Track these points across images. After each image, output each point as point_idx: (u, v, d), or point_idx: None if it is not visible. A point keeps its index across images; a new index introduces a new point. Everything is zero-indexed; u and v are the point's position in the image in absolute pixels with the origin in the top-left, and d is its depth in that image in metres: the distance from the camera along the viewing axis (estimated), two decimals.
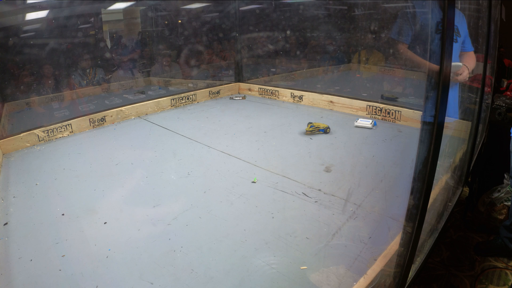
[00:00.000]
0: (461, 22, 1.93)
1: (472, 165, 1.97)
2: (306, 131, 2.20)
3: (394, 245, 1.06)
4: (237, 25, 3.58)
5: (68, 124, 2.35)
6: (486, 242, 2.14)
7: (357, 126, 2.29)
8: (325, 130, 2.20)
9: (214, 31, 4.12)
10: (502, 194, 2.38)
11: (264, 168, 1.74)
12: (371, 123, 2.30)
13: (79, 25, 3.22)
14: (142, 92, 3.39)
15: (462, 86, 2.02)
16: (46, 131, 2.23)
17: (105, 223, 1.30)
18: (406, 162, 1.72)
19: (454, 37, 1.92)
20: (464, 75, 1.83)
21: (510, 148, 1.95)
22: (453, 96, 2.00)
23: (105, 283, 1.01)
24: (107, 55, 3.63)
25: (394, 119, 2.40)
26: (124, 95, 3.31)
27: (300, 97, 3.04)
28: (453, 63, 1.83)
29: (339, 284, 0.98)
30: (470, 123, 1.91)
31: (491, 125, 2.45)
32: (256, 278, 1.01)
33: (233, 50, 3.79)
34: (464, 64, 1.85)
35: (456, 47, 1.95)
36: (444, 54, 0.66)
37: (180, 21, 4.07)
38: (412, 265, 0.92)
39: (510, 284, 1.84)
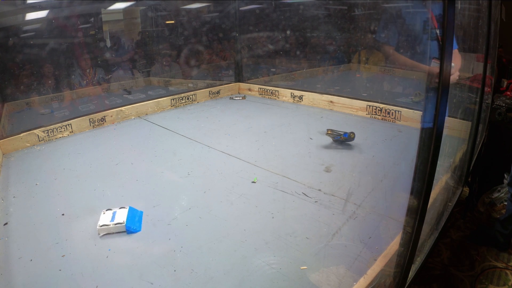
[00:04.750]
0: None
1: (472, 165, 1.97)
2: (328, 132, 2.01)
3: (394, 245, 1.06)
4: (237, 25, 3.58)
5: (68, 124, 2.35)
6: (480, 232, 2.17)
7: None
8: (349, 135, 1.97)
9: (214, 31, 4.11)
10: (502, 194, 2.38)
11: (264, 168, 1.74)
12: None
13: (79, 25, 3.22)
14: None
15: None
16: (46, 131, 2.23)
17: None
18: (406, 162, 1.72)
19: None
20: (454, 76, 1.83)
21: None
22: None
23: (105, 283, 1.01)
24: (107, 55, 3.62)
25: (394, 119, 2.40)
26: (124, 95, 3.31)
27: (300, 97, 3.04)
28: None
29: (339, 284, 0.98)
30: (470, 123, 1.91)
31: (491, 125, 2.45)
32: (256, 278, 1.01)
33: (233, 50, 3.80)
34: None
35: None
36: (444, 55, 0.66)
37: (180, 21, 4.07)
38: (412, 265, 0.92)
39: (510, 284, 1.85)
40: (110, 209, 1.36)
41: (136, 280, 1.01)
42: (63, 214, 1.37)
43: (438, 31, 0.63)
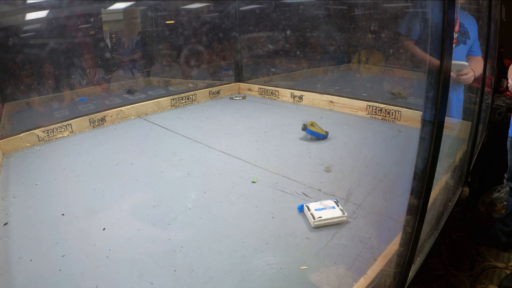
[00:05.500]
0: (471, 26, 1.92)
1: (472, 165, 1.97)
2: (306, 125, 2.09)
3: (394, 245, 1.06)
4: (237, 25, 3.58)
5: (68, 124, 2.35)
6: (481, 232, 2.18)
7: (318, 226, 1.24)
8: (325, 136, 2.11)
9: (214, 31, 4.12)
10: (502, 194, 2.38)
11: (264, 168, 1.74)
12: (341, 210, 1.28)
13: (79, 25, 3.22)
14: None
15: (463, 86, 2.02)
16: (46, 131, 2.23)
17: (104, 229, 1.30)
18: (406, 162, 1.72)
19: (463, 39, 1.91)
20: (469, 76, 1.83)
21: (508, 146, 1.97)
22: (458, 98, 1.99)
23: (105, 283, 1.01)
24: (107, 55, 3.63)
25: (394, 119, 2.40)
26: (124, 95, 3.31)
27: (300, 97, 3.05)
28: (458, 62, 1.83)
29: (339, 284, 0.98)
30: (470, 123, 1.91)
31: (491, 125, 2.46)
32: (256, 278, 1.01)
33: (233, 50, 3.80)
34: (470, 67, 1.84)
35: (464, 49, 1.94)
36: (444, 52, 0.66)
37: (180, 21, 4.07)
38: (412, 265, 0.92)
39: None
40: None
41: (136, 280, 1.01)
42: (63, 214, 1.37)
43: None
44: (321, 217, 1.24)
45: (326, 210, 1.28)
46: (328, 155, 1.88)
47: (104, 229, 1.27)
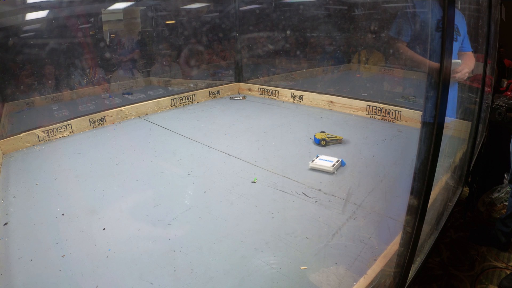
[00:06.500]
0: (460, 22, 1.93)
1: (472, 165, 1.97)
2: (321, 140, 2.00)
3: (394, 245, 1.06)
4: (237, 25, 3.58)
5: (68, 124, 2.35)
6: (481, 232, 2.18)
7: (312, 168, 1.70)
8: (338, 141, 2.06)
9: (214, 31, 4.12)
10: (502, 194, 2.38)
11: (264, 168, 1.74)
12: (333, 166, 1.67)
13: (79, 25, 3.22)
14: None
15: (462, 86, 2.02)
16: (46, 131, 2.23)
17: (104, 229, 1.30)
18: (406, 162, 1.72)
19: (454, 36, 1.91)
20: (462, 73, 1.83)
21: (510, 148, 1.96)
22: (452, 96, 1.99)
23: (105, 283, 1.01)
24: (107, 55, 3.63)
25: (394, 119, 2.40)
26: (124, 95, 3.31)
27: (300, 97, 3.05)
28: (452, 61, 1.83)
29: (339, 284, 0.98)
30: (470, 123, 1.91)
31: (491, 125, 2.46)
32: (256, 278, 1.01)
33: (233, 50, 3.80)
34: (462, 64, 1.84)
35: (455, 46, 1.94)
36: (444, 53, 0.66)
37: (180, 21, 4.07)
38: (412, 265, 0.92)
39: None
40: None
41: (136, 280, 1.01)
42: (63, 214, 1.37)
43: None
44: (316, 163, 1.69)
45: (325, 161, 1.70)
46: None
47: (104, 229, 1.27)
